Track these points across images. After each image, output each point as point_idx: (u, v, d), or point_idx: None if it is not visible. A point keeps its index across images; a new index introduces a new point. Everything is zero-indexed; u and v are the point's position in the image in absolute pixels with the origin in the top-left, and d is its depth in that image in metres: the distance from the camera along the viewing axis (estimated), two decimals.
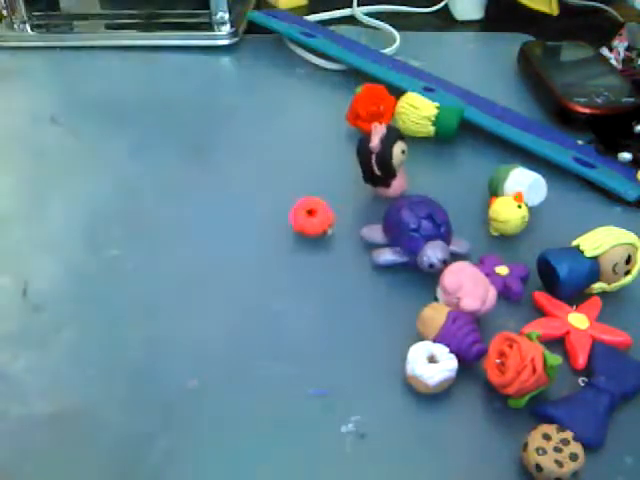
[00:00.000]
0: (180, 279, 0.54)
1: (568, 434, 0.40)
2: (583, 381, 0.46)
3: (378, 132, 0.57)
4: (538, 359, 0.42)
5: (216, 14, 0.89)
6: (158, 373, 0.47)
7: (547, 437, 0.40)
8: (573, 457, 0.39)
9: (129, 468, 0.41)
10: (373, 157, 0.58)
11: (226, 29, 0.88)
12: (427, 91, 0.73)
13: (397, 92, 0.70)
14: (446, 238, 0.53)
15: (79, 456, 0.42)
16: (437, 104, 0.68)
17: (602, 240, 0.50)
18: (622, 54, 0.81)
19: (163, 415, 0.44)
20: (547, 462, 0.39)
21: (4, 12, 0.91)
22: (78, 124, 0.74)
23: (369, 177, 0.60)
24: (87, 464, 0.42)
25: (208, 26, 0.89)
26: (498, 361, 0.44)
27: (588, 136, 0.69)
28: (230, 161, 0.68)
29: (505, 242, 0.57)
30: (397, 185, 0.60)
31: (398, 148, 0.58)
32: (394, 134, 0.57)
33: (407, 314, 0.50)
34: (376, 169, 0.58)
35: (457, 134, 0.68)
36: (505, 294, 0.52)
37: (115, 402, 0.45)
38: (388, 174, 0.59)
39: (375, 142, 0.57)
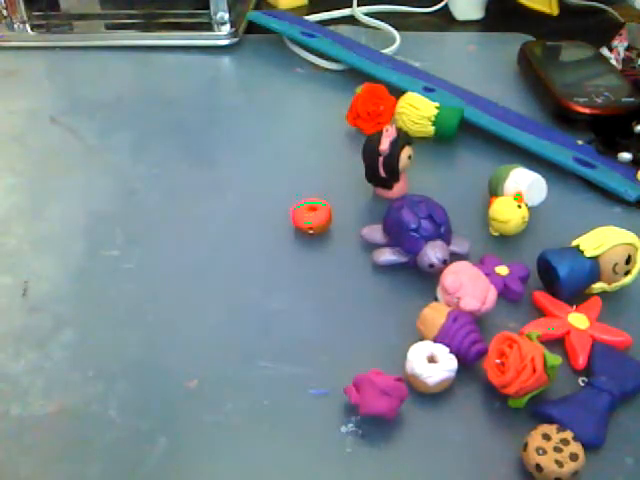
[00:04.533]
0: (180, 279, 0.54)
1: (568, 434, 0.40)
2: (583, 381, 0.46)
3: (389, 135, 0.57)
4: (538, 359, 0.42)
5: (216, 14, 0.89)
6: (158, 373, 0.47)
7: (547, 437, 0.40)
8: (573, 457, 0.39)
9: (129, 468, 0.42)
10: (380, 159, 0.58)
11: (226, 29, 0.88)
12: (427, 91, 0.73)
13: (397, 92, 0.70)
14: (446, 238, 0.53)
15: (79, 456, 0.42)
16: (437, 104, 0.68)
17: (602, 240, 0.50)
18: (622, 54, 0.81)
19: (163, 415, 0.44)
20: (547, 462, 0.39)
21: (4, 12, 0.91)
22: (78, 124, 0.74)
23: (372, 177, 0.60)
24: (87, 464, 0.42)
25: (208, 26, 0.89)
26: (498, 361, 0.44)
27: (588, 136, 0.69)
28: (230, 161, 0.68)
29: (505, 242, 0.57)
30: (398, 188, 0.60)
31: (405, 153, 0.58)
32: (404, 139, 0.58)
33: (407, 314, 0.50)
34: (382, 171, 0.58)
35: (457, 134, 0.68)
36: (505, 294, 0.52)
37: (115, 402, 0.45)
38: (392, 177, 0.59)
39: (385, 145, 0.57)
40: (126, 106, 0.77)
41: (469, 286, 0.48)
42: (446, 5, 0.96)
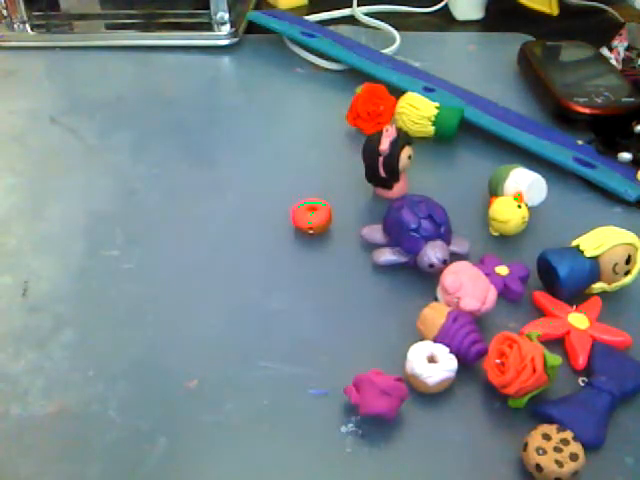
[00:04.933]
0: (180, 279, 0.54)
1: (568, 434, 0.40)
2: (583, 381, 0.46)
3: (389, 135, 0.57)
4: (538, 359, 0.42)
5: (216, 14, 0.89)
6: (158, 373, 0.47)
7: (547, 437, 0.40)
8: (573, 457, 0.39)
9: (129, 468, 0.42)
10: (380, 159, 0.58)
11: (226, 29, 0.88)
12: (427, 91, 0.73)
13: (397, 92, 0.70)
14: (446, 238, 0.53)
15: (79, 456, 0.42)
16: (437, 104, 0.68)
17: (602, 240, 0.50)
18: (622, 54, 0.81)
19: (163, 415, 0.44)
20: (547, 462, 0.39)
21: (4, 12, 0.91)
22: (78, 124, 0.74)
23: (372, 177, 0.60)
24: (87, 464, 0.42)
25: (208, 26, 0.89)
26: (498, 361, 0.44)
27: (588, 136, 0.69)
28: (230, 161, 0.68)
29: (505, 242, 0.57)
30: (398, 188, 0.60)
31: (405, 153, 0.58)
32: (404, 139, 0.58)
33: (407, 314, 0.50)
34: (382, 171, 0.58)
35: (457, 134, 0.68)
36: (505, 294, 0.52)
37: (115, 402, 0.45)
38: (392, 177, 0.59)
39: (385, 145, 0.57)
40: (126, 106, 0.77)
41: (469, 286, 0.48)
42: (446, 5, 0.96)
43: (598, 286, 0.51)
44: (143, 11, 0.93)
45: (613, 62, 0.79)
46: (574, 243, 0.52)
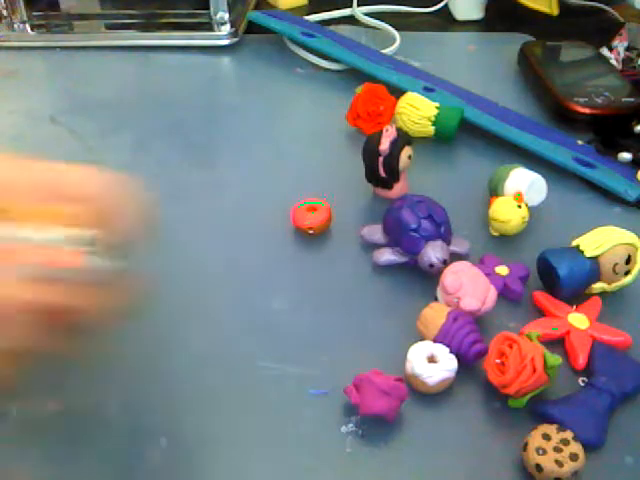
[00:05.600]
0: (180, 279, 0.54)
1: (568, 434, 0.40)
2: (583, 381, 0.46)
3: (389, 135, 0.57)
4: (538, 359, 0.42)
5: (216, 14, 0.89)
6: (158, 373, 0.47)
7: (547, 437, 0.40)
8: (573, 457, 0.39)
9: (129, 468, 0.42)
10: (380, 159, 0.58)
11: (226, 29, 0.88)
12: (427, 91, 0.73)
13: (397, 92, 0.70)
14: (446, 238, 0.53)
15: (79, 456, 0.42)
16: (437, 104, 0.68)
17: (602, 240, 0.50)
18: (622, 54, 0.81)
19: (163, 415, 0.44)
20: (547, 462, 0.39)
21: (4, 12, 0.91)
22: (78, 124, 0.74)
23: (372, 177, 0.60)
24: (87, 464, 0.42)
25: (208, 26, 0.89)
26: (498, 361, 0.44)
27: (588, 136, 0.69)
28: (230, 161, 0.68)
29: (505, 242, 0.57)
30: (398, 188, 0.60)
31: (405, 153, 0.58)
32: (404, 139, 0.58)
33: (407, 314, 0.50)
34: (382, 171, 0.58)
35: (457, 134, 0.68)
36: (505, 294, 0.52)
37: (115, 402, 0.45)
38: (392, 177, 0.59)
39: (385, 145, 0.57)
40: (126, 106, 0.77)
41: (469, 286, 0.48)
42: (446, 5, 0.96)
43: (598, 286, 0.51)
44: (143, 11, 0.93)
45: (613, 62, 0.79)
46: (574, 243, 0.52)
